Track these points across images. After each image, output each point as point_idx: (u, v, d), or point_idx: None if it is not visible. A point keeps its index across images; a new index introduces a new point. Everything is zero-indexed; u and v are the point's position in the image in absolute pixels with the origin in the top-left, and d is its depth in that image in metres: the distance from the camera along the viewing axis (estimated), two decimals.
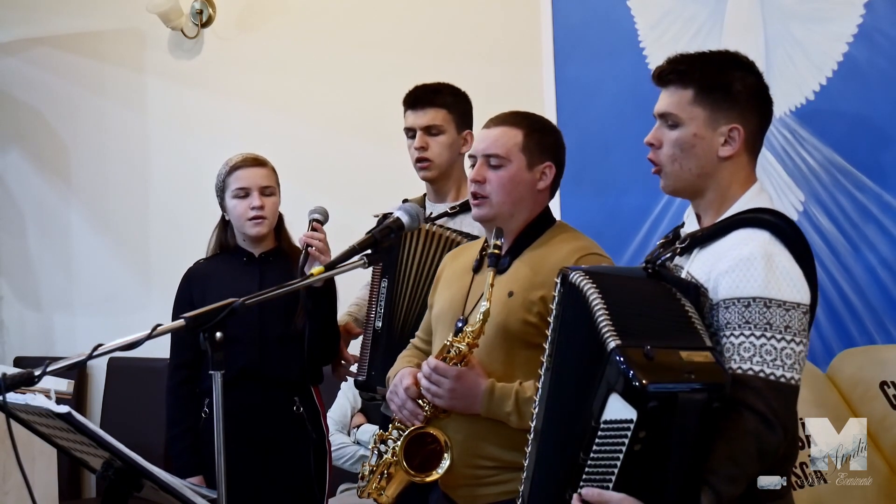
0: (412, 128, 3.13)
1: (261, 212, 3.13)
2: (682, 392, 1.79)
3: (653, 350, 1.81)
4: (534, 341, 2.35)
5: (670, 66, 2.10)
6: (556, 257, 2.43)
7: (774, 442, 1.89)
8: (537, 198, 2.53)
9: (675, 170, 2.08)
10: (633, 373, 1.78)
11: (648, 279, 2.06)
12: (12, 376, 1.92)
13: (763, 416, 1.88)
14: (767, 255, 1.95)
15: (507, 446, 2.40)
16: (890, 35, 3.06)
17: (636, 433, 1.80)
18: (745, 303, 1.92)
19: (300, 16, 4.76)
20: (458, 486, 2.48)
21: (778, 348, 1.91)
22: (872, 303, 3.09)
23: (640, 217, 3.52)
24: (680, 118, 2.06)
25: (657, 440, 1.80)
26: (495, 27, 4.26)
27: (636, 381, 1.77)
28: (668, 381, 1.79)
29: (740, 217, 2.04)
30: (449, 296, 2.59)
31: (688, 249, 2.08)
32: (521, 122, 2.52)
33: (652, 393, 1.77)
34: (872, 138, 3.09)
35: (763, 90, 2.10)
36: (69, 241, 5.39)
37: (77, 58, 5.30)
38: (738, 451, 1.87)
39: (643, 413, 1.78)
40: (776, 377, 1.90)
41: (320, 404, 3.22)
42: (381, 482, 2.53)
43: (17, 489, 3.53)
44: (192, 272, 3.27)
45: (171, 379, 3.23)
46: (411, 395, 2.47)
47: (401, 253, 2.99)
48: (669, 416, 1.79)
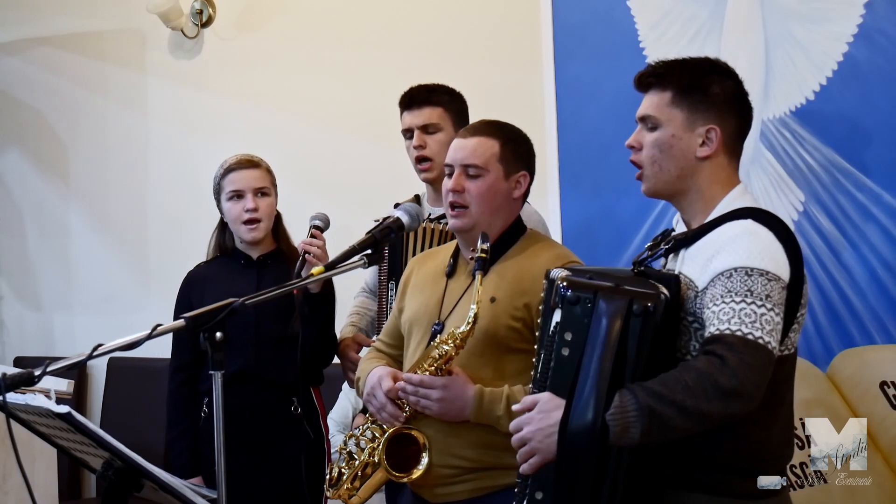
0: (409, 128, 3.13)
1: (255, 214, 3.13)
2: (603, 292, 1.95)
3: (593, 274, 2.01)
4: (517, 346, 2.42)
5: (650, 70, 2.16)
6: (538, 264, 2.45)
7: (726, 384, 1.82)
8: (512, 206, 2.57)
9: (654, 171, 2.12)
10: (567, 284, 1.99)
11: (633, 276, 2.10)
12: (12, 376, 1.92)
13: (721, 358, 1.84)
14: (750, 231, 1.99)
15: (480, 446, 2.44)
16: (890, 35, 3.07)
17: (562, 335, 1.96)
18: (727, 274, 1.94)
19: (300, 16, 4.75)
20: (429, 485, 2.50)
21: (758, 313, 1.90)
22: (872, 303, 3.09)
23: (640, 217, 3.52)
24: (659, 120, 2.11)
25: (581, 344, 1.93)
26: (495, 27, 4.26)
27: (564, 284, 1.98)
28: (592, 289, 1.97)
29: (725, 215, 2.07)
30: (423, 300, 2.60)
31: (674, 250, 2.12)
32: (497, 133, 2.55)
33: (573, 293, 1.97)
34: (872, 138, 3.10)
35: (742, 94, 2.14)
36: (69, 241, 5.38)
37: (77, 58, 5.29)
38: (670, 377, 1.87)
39: (565, 311, 1.96)
40: (754, 337, 1.87)
41: (320, 405, 3.22)
42: (355, 483, 2.54)
43: (17, 489, 3.53)
44: (191, 276, 3.28)
45: (171, 382, 3.24)
46: (392, 396, 2.49)
47: (405, 254, 2.99)
48: (589, 317, 1.93)
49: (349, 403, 4.38)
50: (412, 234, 2.98)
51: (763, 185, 3.24)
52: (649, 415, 1.83)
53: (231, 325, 2.09)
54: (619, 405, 1.85)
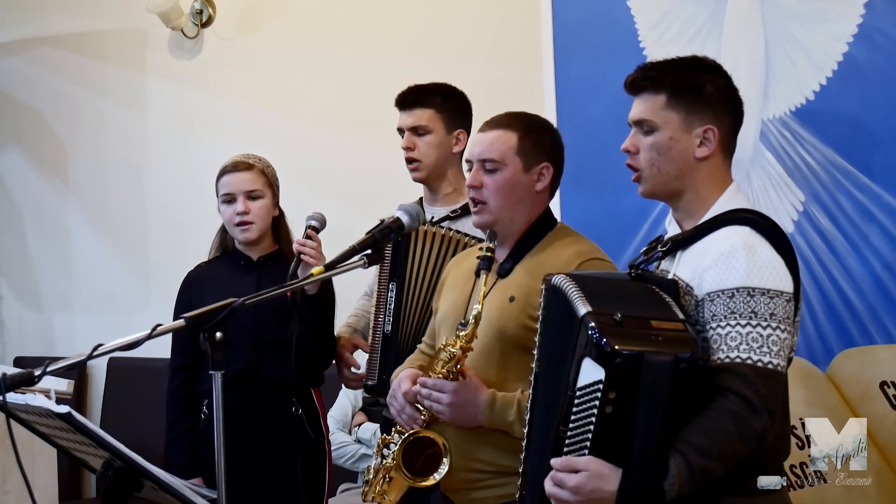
0: (401, 128, 3.14)
1: (245, 217, 3.13)
2: (649, 352, 1.84)
3: (623, 317, 1.88)
4: (532, 346, 2.36)
5: (641, 73, 2.15)
6: (558, 262, 2.42)
7: (758, 425, 1.90)
8: (536, 199, 2.52)
9: (653, 173, 2.13)
10: (601, 333, 1.85)
11: (631, 280, 2.10)
12: (12, 376, 1.92)
13: (747, 400, 1.89)
14: (748, 247, 1.98)
15: (502, 451, 2.40)
16: (890, 35, 3.06)
17: (606, 394, 1.84)
18: (729, 294, 1.95)
19: (300, 16, 4.76)
20: (455, 489, 2.48)
21: (764, 335, 1.93)
22: (872, 303, 3.09)
23: (640, 218, 3.52)
24: (655, 123, 2.11)
25: (627, 403, 1.84)
26: (495, 27, 4.26)
27: (603, 339, 1.84)
28: (635, 342, 1.85)
29: (720, 218, 2.07)
30: (452, 300, 2.58)
31: (670, 252, 2.12)
32: (516, 125, 2.51)
33: (618, 350, 1.83)
34: (872, 138, 3.09)
35: (733, 91, 2.15)
36: (69, 240, 5.39)
37: (77, 58, 5.30)
38: (713, 427, 1.89)
39: (610, 371, 1.83)
40: (763, 364, 1.92)
41: (321, 406, 3.22)
42: (384, 486, 2.53)
43: (17, 489, 3.53)
44: (191, 276, 3.27)
45: (171, 382, 3.23)
46: (409, 399, 2.47)
47: (408, 256, 2.98)
48: (637, 376, 1.83)
49: (349, 402, 4.39)
50: (415, 238, 2.97)
51: (763, 185, 3.24)
52: (701, 474, 1.88)
53: (231, 326, 2.09)
54: (675, 474, 1.86)
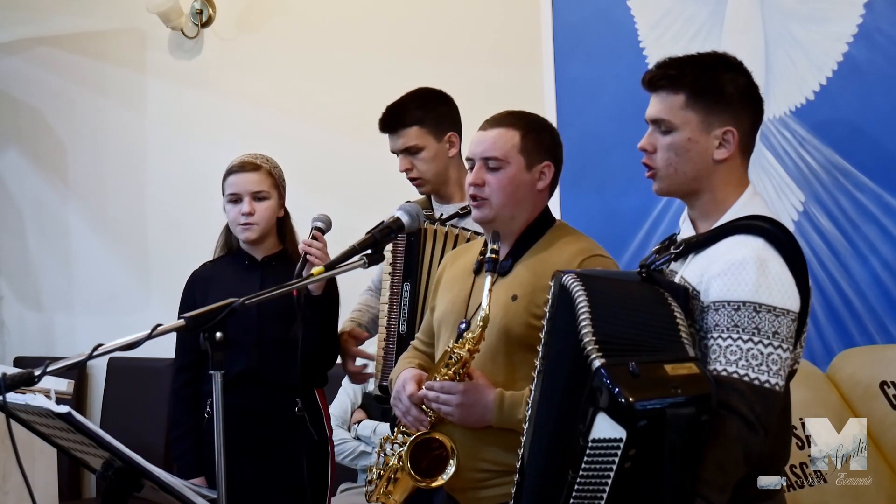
0: (394, 151, 3.14)
1: (250, 218, 3.13)
2: (670, 408, 1.78)
3: (638, 366, 1.81)
4: (537, 345, 2.35)
5: (660, 70, 2.10)
6: (560, 260, 2.41)
7: (758, 444, 1.91)
8: (537, 198, 2.52)
9: (670, 173, 2.09)
10: (620, 391, 1.76)
11: (641, 283, 2.07)
12: (12, 376, 1.92)
13: (746, 420, 1.89)
14: (760, 261, 1.95)
15: (508, 449, 2.38)
16: (890, 35, 3.06)
17: (626, 452, 1.78)
18: (734, 306, 1.94)
19: (300, 16, 4.76)
20: (461, 488, 2.48)
21: (764, 353, 1.92)
22: (872, 303, 3.09)
23: (640, 218, 3.52)
24: (673, 123, 2.06)
25: (647, 456, 1.80)
26: (495, 27, 4.26)
27: (623, 399, 1.76)
28: (655, 397, 1.78)
29: (736, 224, 2.04)
30: (450, 298, 2.58)
31: (683, 255, 2.09)
32: (518, 123, 2.51)
33: (640, 412, 1.76)
34: (872, 138, 3.09)
35: (753, 89, 2.11)
36: (68, 240, 5.39)
37: (76, 57, 5.30)
38: (726, 460, 1.88)
39: (633, 432, 1.77)
40: (760, 382, 1.91)
41: (324, 406, 3.22)
42: (389, 487, 2.52)
43: (17, 489, 3.53)
44: (195, 275, 3.27)
45: (175, 381, 3.23)
46: (415, 401, 2.46)
47: (421, 256, 2.98)
48: (659, 432, 1.78)
49: (348, 398, 4.39)
50: (428, 237, 2.98)
51: (763, 185, 3.23)
52: None
53: (234, 326, 2.09)
54: None
